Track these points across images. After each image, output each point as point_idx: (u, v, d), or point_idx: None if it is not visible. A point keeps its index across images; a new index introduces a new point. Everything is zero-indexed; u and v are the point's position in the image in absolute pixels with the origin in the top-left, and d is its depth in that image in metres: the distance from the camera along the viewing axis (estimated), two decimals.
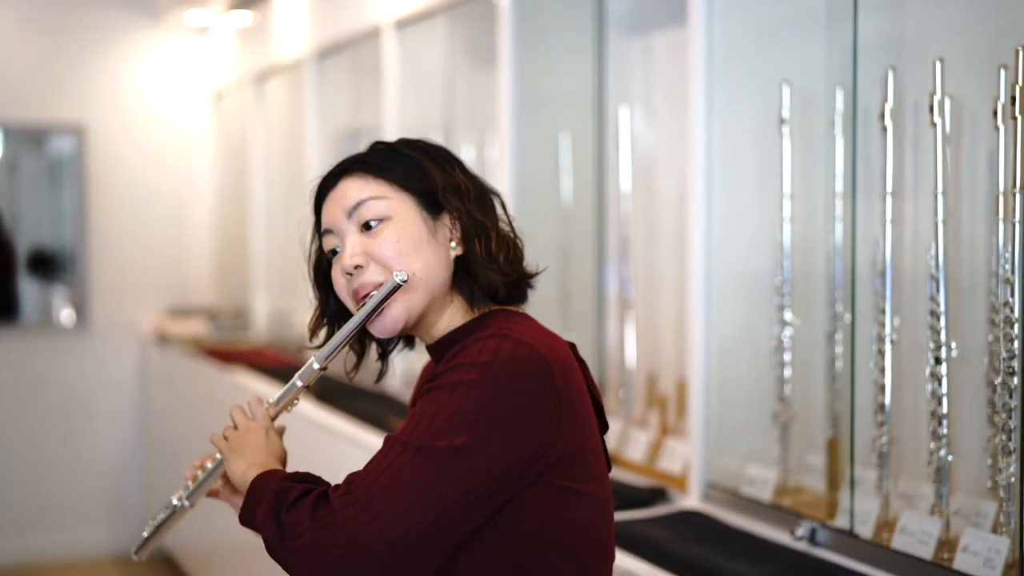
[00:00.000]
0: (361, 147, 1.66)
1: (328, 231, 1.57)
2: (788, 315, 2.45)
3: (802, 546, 2.17)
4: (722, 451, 2.54)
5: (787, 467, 2.44)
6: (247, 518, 1.51)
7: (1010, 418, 1.89)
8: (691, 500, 2.52)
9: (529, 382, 1.41)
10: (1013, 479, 1.89)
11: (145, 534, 1.73)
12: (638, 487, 2.63)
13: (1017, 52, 1.86)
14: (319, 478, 1.48)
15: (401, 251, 1.51)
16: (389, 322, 1.52)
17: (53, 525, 5.68)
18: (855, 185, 2.23)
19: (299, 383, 1.60)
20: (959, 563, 1.87)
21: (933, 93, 2.01)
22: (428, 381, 1.50)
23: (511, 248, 1.58)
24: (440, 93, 3.97)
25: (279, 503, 1.43)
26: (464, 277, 1.55)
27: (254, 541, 1.55)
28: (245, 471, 1.54)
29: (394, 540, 1.36)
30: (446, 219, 1.55)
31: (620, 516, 2.41)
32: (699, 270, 2.52)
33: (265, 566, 1.66)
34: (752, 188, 2.55)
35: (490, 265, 1.54)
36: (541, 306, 3.36)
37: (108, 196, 5.75)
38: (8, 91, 5.63)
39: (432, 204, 1.55)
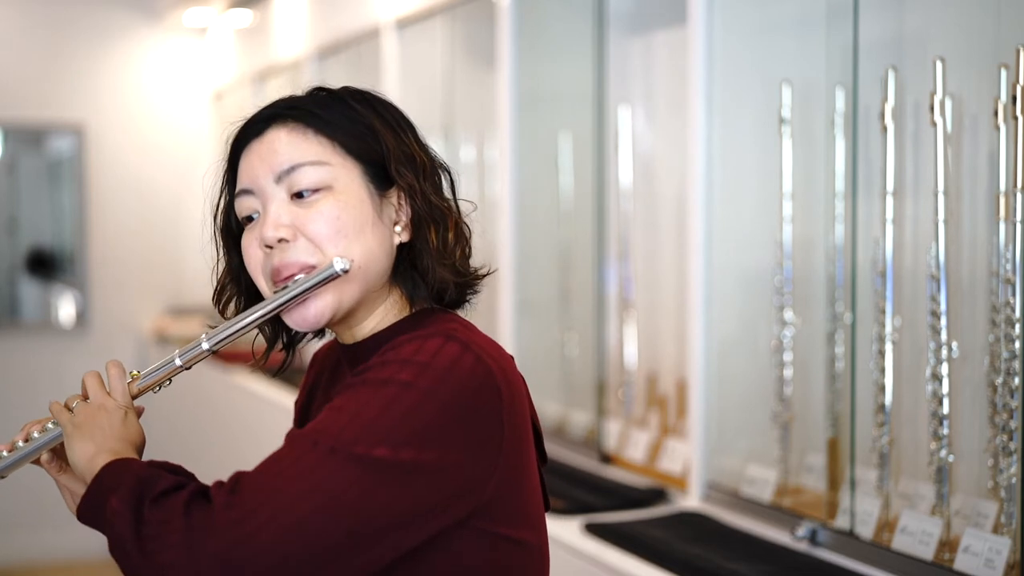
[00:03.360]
0: None
1: (246, 191, 1.27)
2: (788, 315, 2.45)
3: (802, 547, 2.17)
4: (722, 451, 2.54)
5: (787, 467, 2.44)
6: (90, 510, 1.17)
7: (1011, 418, 1.88)
8: (691, 500, 2.52)
9: (471, 396, 1.16)
10: (1014, 479, 1.88)
11: None
12: (638, 487, 2.63)
13: (1017, 52, 1.86)
14: (192, 475, 1.20)
15: (340, 230, 1.23)
16: (312, 315, 1.25)
17: (53, 525, 5.68)
18: (855, 185, 2.23)
19: (178, 361, 1.29)
20: (960, 564, 1.87)
21: (933, 93, 2.01)
22: (332, 378, 1.32)
23: (467, 242, 1.33)
24: (440, 93, 3.96)
25: (142, 492, 1.12)
26: (408, 270, 1.30)
27: None
28: (93, 457, 1.20)
29: (285, 557, 1.08)
30: (394, 197, 1.28)
31: (620, 516, 2.42)
32: (699, 270, 2.52)
33: None
34: (752, 188, 2.55)
35: (444, 259, 1.29)
36: (541, 306, 3.37)
37: (108, 196, 5.75)
38: (8, 91, 5.63)
39: (380, 176, 1.28)
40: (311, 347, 1.47)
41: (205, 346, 1.28)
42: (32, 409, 6.36)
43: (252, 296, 1.34)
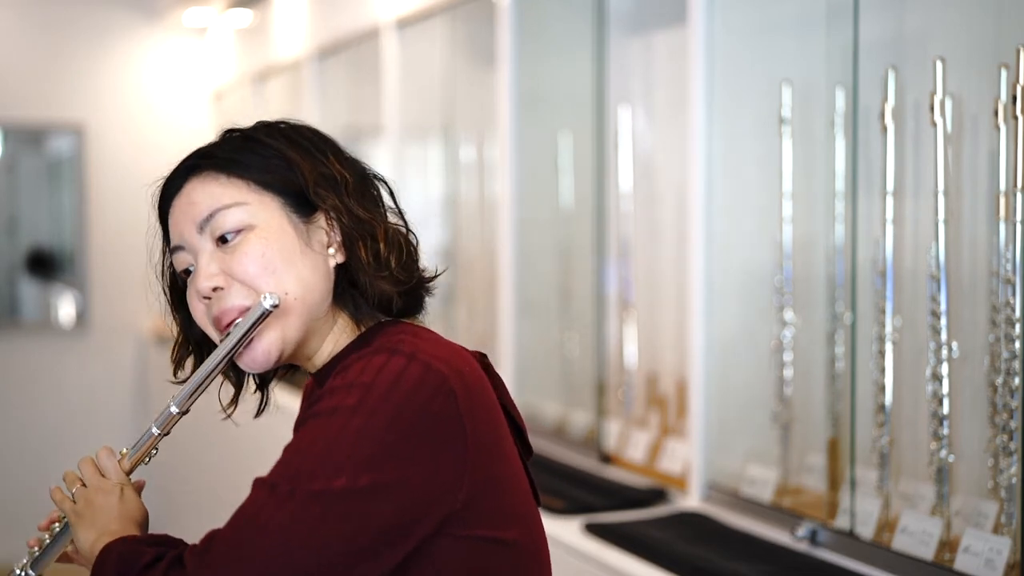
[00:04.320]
0: (361, 148, 1.53)
1: (179, 247, 1.29)
2: (788, 315, 2.45)
3: (802, 547, 2.17)
4: (722, 451, 2.54)
5: (787, 467, 2.44)
6: None
7: (1011, 418, 1.88)
8: (691, 500, 2.51)
9: (423, 406, 1.14)
10: (1014, 479, 1.88)
11: None
12: (638, 487, 2.63)
13: (1018, 51, 1.85)
14: (180, 541, 1.22)
15: (268, 267, 1.24)
16: (260, 355, 1.26)
17: None
18: (855, 185, 2.23)
19: (155, 431, 1.32)
20: (960, 564, 1.87)
21: (934, 93, 2.01)
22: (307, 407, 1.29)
23: (404, 248, 1.30)
24: (440, 93, 3.96)
25: (125, 570, 1.17)
26: (347, 290, 1.29)
27: None
28: (94, 543, 1.25)
29: None
30: (321, 220, 1.27)
31: (620, 516, 2.42)
32: (699, 270, 2.52)
33: None
34: (752, 188, 2.55)
35: (379, 272, 1.27)
36: (541, 306, 3.37)
37: (108, 196, 5.74)
38: (8, 91, 5.63)
39: (302, 204, 1.27)
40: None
41: (174, 409, 1.31)
42: (32, 409, 6.37)
43: (208, 348, 1.34)
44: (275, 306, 1.22)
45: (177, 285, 1.34)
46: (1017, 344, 1.88)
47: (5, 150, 5.75)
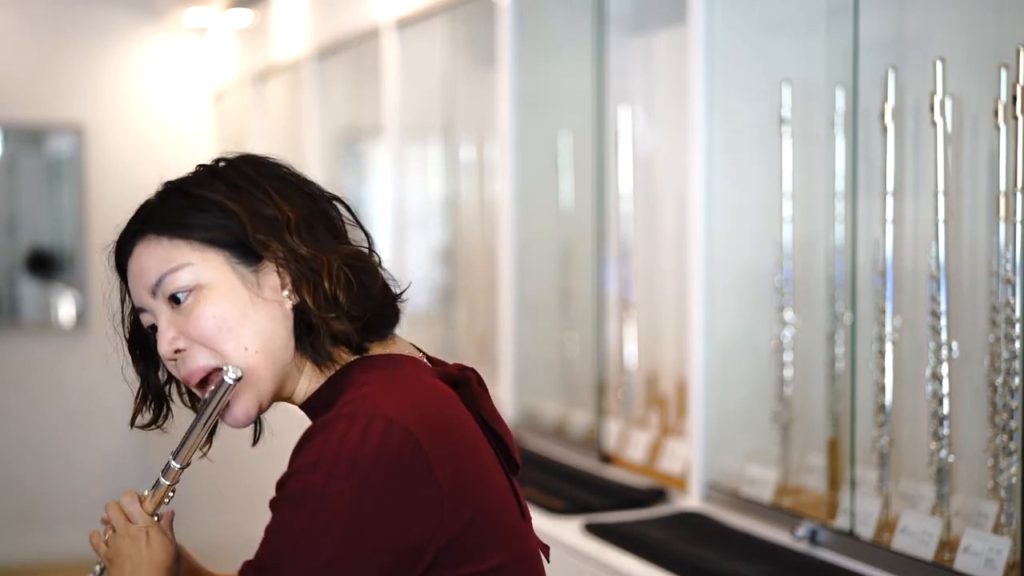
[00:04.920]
0: (361, 148, 1.55)
1: (141, 309, 1.31)
2: (788, 315, 2.45)
3: (802, 547, 2.17)
4: (722, 451, 2.54)
5: (787, 467, 2.44)
6: None
7: (1011, 418, 1.88)
8: (691, 500, 2.51)
9: (392, 463, 1.14)
10: (1014, 479, 1.88)
11: None
12: (638, 487, 2.63)
13: (1018, 51, 1.85)
14: None
15: (222, 326, 1.24)
16: (241, 416, 1.28)
17: (52, 525, 5.68)
18: (855, 185, 2.23)
19: (165, 482, 1.35)
20: (960, 564, 1.87)
21: (934, 92, 2.01)
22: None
23: (353, 280, 1.26)
24: (440, 93, 3.96)
25: None
26: (304, 332, 1.27)
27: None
28: None
29: None
30: (269, 265, 1.26)
31: (620, 516, 2.42)
32: (699, 270, 2.52)
33: None
34: (752, 188, 2.55)
35: (329, 312, 1.24)
36: (541, 306, 3.37)
37: (108, 196, 5.74)
38: (8, 91, 5.63)
39: (247, 253, 1.26)
40: None
41: (176, 465, 1.33)
42: (32, 409, 6.36)
43: (170, 392, 1.38)
44: (239, 379, 1.23)
45: (139, 334, 1.35)
46: (1017, 344, 1.88)
47: (5, 150, 5.75)
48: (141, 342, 1.37)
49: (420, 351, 1.35)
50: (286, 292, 1.26)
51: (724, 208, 2.53)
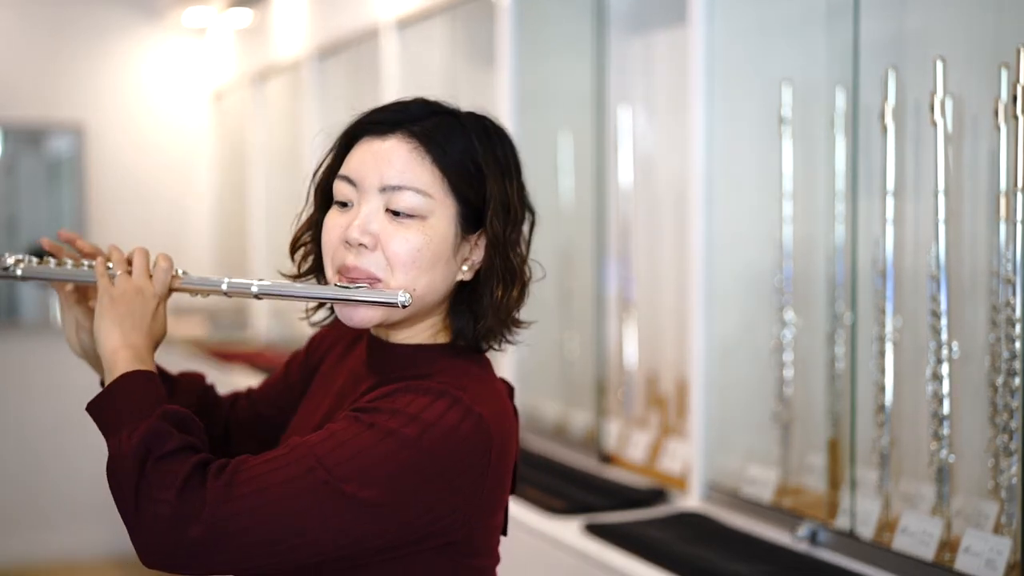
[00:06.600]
0: None
1: (349, 180, 1.30)
2: (788, 315, 2.44)
3: (803, 547, 2.17)
4: (722, 451, 2.54)
5: (788, 467, 2.44)
6: (97, 412, 1.26)
7: (1011, 418, 1.88)
8: (691, 500, 2.51)
9: (464, 459, 1.23)
10: (1014, 480, 1.88)
11: None
12: (638, 487, 2.63)
13: (1018, 51, 1.85)
14: (197, 425, 1.26)
15: (416, 260, 1.27)
16: (357, 320, 1.30)
17: (53, 525, 5.67)
18: (856, 185, 2.23)
19: (225, 287, 1.35)
20: (960, 564, 1.87)
21: (934, 92, 2.01)
22: (347, 387, 1.37)
23: (524, 298, 1.35)
24: (440, 93, 3.93)
25: (151, 446, 1.19)
26: (463, 307, 1.34)
27: None
28: (115, 350, 1.29)
29: (252, 559, 1.18)
30: (474, 238, 1.32)
31: (620, 516, 2.42)
32: (699, 270, 2.52)
33: None
34: (752, 188, 2.55)
35: (500, 314, 1.32)
36: (541, 306, 3.37)
37: (107, 196, 5.75)
38: (7, 91, 5.63)
39: (472, 219, 1.31)
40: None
41: (254, 289, 1.33)
42: (32, 409, 6.37)
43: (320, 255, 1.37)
44: (405, 305, 1.26)
45: (326, 190, 1.35)
46: (1017, 344, 1.88)
47: (5, 150, 5.74)
48: (324, 196, 1.36)
49: None
50: (466, 267, 1.32)
51: (724, 208, 2.53)
